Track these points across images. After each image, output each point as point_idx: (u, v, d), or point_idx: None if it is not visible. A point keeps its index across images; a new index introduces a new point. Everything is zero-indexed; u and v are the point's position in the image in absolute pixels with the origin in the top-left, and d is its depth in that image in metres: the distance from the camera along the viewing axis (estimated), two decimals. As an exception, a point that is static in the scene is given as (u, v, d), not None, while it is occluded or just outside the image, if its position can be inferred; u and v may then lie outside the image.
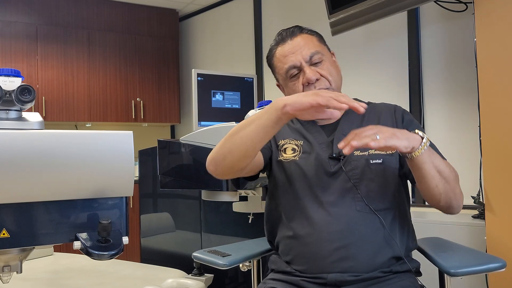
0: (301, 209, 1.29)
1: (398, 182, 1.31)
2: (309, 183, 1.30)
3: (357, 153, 1.30)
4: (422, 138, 1.13)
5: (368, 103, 1.44)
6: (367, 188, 1.27)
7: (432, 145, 1.25)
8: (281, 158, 1.36)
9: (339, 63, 1.43)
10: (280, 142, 1.39)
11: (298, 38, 1.35)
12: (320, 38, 1.41)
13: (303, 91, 1.32)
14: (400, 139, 1.09)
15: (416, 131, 1.15)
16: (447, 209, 1.25)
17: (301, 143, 1.36)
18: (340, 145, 1.07)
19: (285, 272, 1.32)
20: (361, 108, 1.08)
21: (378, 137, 1.07)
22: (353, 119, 1.37)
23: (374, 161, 1.28)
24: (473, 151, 2.54)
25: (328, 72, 1.33)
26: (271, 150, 1.40)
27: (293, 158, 1.34)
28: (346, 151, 1.06)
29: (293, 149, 1.35)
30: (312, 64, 1.33)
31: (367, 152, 1.30)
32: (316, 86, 1.31)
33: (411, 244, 1.33)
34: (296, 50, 1.33)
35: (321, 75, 1.32)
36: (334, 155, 1.30)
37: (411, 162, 1.15)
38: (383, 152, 1.30)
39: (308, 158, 1.32)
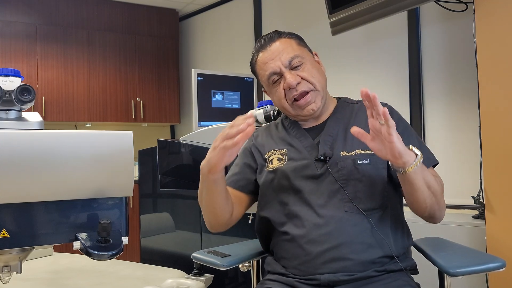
0: (291, 214, 1.30)
1: (387, 181, 1.30)
2: (296, 188, 1.30)
3: (343, 153, 1.30)
4: (416, 155, 1.15)
5: (358, 102, 1.44)
6: (355, 188, 1.26)
7: (424, 149, 1.26)
8: (267, 169, 1.37)
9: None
10: (266, 155, 1.40)
11: (276, 43, 1.36)
12: (300, 40, 1.41)
13: (285, 96, 1.34)
14: (399, 141, 1.11)
15: (411, 147, 1.16)
16: (429, 219, 1.30)
17: (286, 151, 1.36)
18: (364, 90, 1.10)
19: (280, 274, 1.32)
20: (250, 121, 1.11)
21: (382, 122, 1.09)
22: (340, 119, 1.38)
23: (361, 162, 1.28)
24: (473, 151, 2.54)
25: (310, 74, 1.33)
26: (254, 180, 1.42)
27: (279, 166, 1.34)
28: (365, 92, 1.09)
29: (279, 159, 1.36)
30: (292, 68, 1.33)
31: (353, 152, 1.29)
32: (298, 90, 1.32)
33: (406, 241, 1.33)
34: (275, 56, 1.34)
35: (302, 78, 1.32)
36: (320, 157, 1.30)
37: (403, 177, 1.17)
38: (370, 152, 1.29)
39: (294, 164, 1.33)
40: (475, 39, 1.90)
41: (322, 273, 1.22)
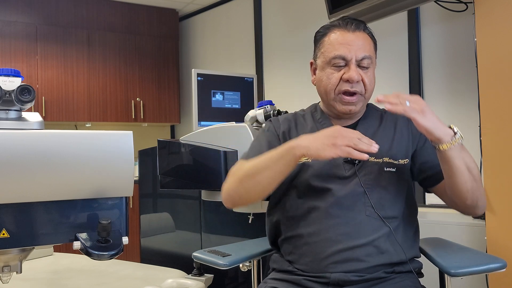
0: (310, 210, 1.29)
1: (408, 192, 1.32)
2: (321, 186, 1.29)
3: (372, 159, 1.30)
4: (455, 133, 1.16)
5: (384, 110, 1.44)
6: (379, 194, 1.27)
7: None
8: None
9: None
10: None
11: (361, 35, 1.33)
12: (375, 45, 1.40)
13: (337, 85, 1.32)
14: (424, 119, 1.13)
15: (452, 125, 1.18)
16: (473, 209, 1.27)
17: None
18: (380, 97, 1.16)
19: (287, 271, 1.32)
20: (374, 148, 1.13)
21: (408, 103, 1.13)
22: (370, 124, 1.38)
23: (388, 169, 1.29)
24: (473, 151, 2.53)
25: (369, 80, 1.33)
26: None
27: (305, 160, 1.32)
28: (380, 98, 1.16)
29: None
30: (359, 65, 1.32)
31: (381, 160, 1.30)
32: (353, 87, 1.31)
33: (417, 251, 1.35)
34: (353, 44, 1.31)
35: (361, 79, 1.32)
36: (349, 158, 1.29)
37: (440, 155, 1.18)
38: (396, 162, 1.30)
39: (322, 161, 1.30)
40: (475, 39, 1.90)
41: (333, 272, 1.22)
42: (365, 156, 1.11)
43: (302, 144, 1.16)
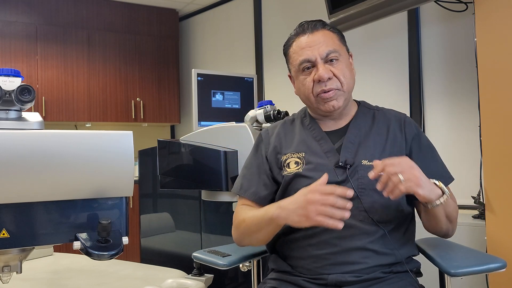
0: None
1: (403, 195, 1.30)
2: None
3: (365, 162, 1.29)
4: (443, 193, 1.19)
5: (376, 108, 1.43)
6: (372, 199, 1.26)
7: (441, 167, 1.33)
8: (285, 173, 1.34)
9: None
10: (283, 157, 1.37)
11: (319, 33, 1.34)
12: (341, 37, 1.40)
13: (312, 88, 1.32)
14: (423, 189, 1.14)
15: (439, 183, 1.20)
16: (442, 237, 1.37)
17: (303, 155, 1.34)
18: (371, 175, 1.16)
19: (286, 272, 1.32)
20: (347, 214, 1.12)
21: (402, 178, 1.12)
22: (361, 125, 1.36)
23: (381, 173, 1.28)
24: (473, 151, 2.54)
25: (342, 73, 1.32)
26: (274, 191, 1.39)
27: (297, 170, 1.32)
28: (371, 176, 1.16)
29: (296, 162, 1.34)
30: (327, 61, 1.32)
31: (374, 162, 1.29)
32: (327, 85, 1.30)
33: (414, 251, 1.35)
34: (314, 45, 1.32)
35: (334, 75, 1.31)
36: (341, 163, 1.28)
37: (425, 209, 1.23)
38: None
39: (312, 169, 1.30)
40: (475, 39, 1.90)
41: (330, 273, 1.22)
42: (340, 225, 1.10)
43: (281, 216, 1.19)
